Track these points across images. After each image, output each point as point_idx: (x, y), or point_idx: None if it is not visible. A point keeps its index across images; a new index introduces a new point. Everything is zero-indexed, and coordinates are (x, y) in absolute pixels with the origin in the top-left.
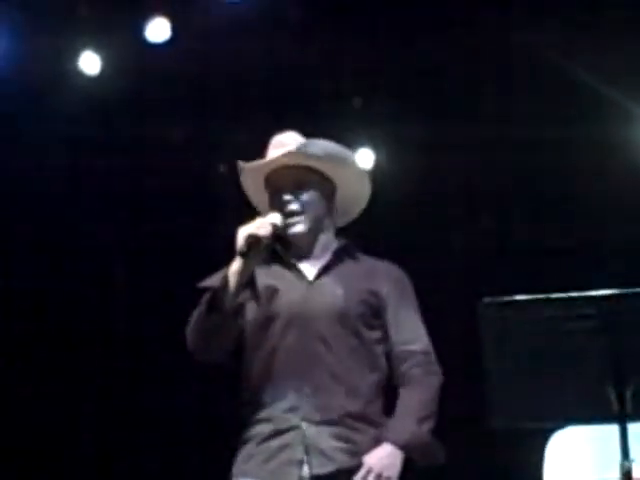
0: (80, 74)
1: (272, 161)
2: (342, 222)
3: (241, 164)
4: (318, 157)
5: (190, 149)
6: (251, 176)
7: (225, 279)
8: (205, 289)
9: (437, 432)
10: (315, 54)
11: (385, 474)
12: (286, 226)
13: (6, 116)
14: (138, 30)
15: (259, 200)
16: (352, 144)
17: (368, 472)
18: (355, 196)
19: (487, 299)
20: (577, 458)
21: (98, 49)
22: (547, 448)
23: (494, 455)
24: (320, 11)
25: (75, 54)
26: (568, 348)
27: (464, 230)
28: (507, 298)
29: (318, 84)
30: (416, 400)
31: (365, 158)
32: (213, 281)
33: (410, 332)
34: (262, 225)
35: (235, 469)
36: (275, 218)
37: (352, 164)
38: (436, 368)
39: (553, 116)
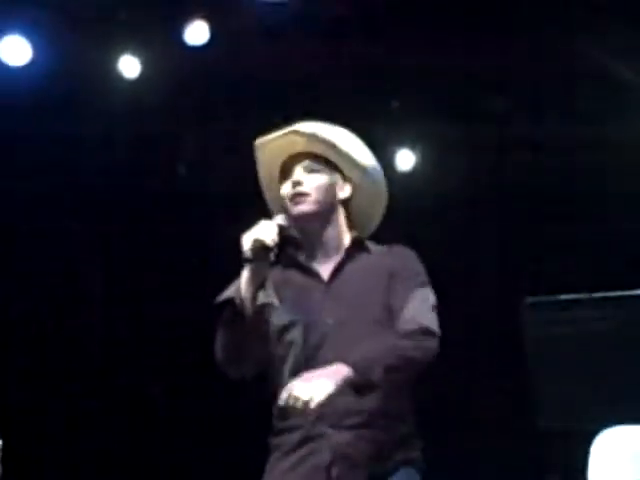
0: (120, 77)
1: (285, 136)
2: (366, 229)
3: (258, 142)
4: (330, 144)
5: (229, 151)
6: (266, 159)
7: (239, 289)
8: (222, 304)
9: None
10: (351, 55)
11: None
12: (293, 205)
13: (47, 119)
14: (177, 33)
15: (272, 197)
16: (391, 145)
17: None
18: (370, 201)
19: (531, 299)
20: (623, 458)
21: (137, 52)
22: (593, 448)
23: (540, 455)
24: (355, 11)
25: (114, 57)
26: (614, 347)
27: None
28: (552, 297)
29: (354, 85)
30: (380, 341)
31: (405, 159)
32: (228, 294)
33: (412, 311)
34: (266, 228)
35: (265, 478)
36: (280, 219)
37: (369, 164)
38: (423, 344)
39: (587, 115)
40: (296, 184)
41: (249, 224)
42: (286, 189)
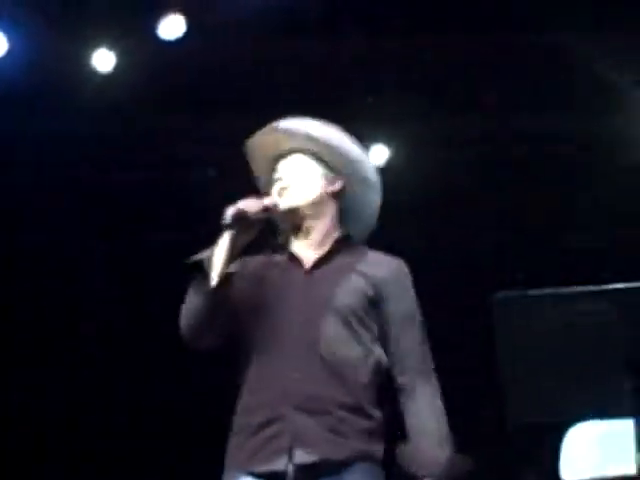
0: (94, 71)
1: (271, 132)
2: (359, 229)
3: (247, 143)
4: (318, 139)
5: (201, 145)
6: (257, 159)
7: (211, 253)
8: (192, 266)
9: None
10: (329, 51)
11: None
12: (282, 197)
13: (20, 114)
14: (152, 27)
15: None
16: (365, 140)
17: None
18: (363, 197)
19: (501, 293)
20: (593, 453)
21: (112, 46)
22: (564, 443)
23: (513, 450)
24: (334, 8)
25: (89, 51)
26: (583, 343)
27: (475, 226)
28: (521, 292)
29: (331, 81)
30: (429, 421)
31: (378, 154)
32: (199, 256)
33: (407, 333)
34: (253, 203)
35: (227, 460)
36: (270, 200)
37: (358, 156)
38: (433, 376)
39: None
40: (278, 179)
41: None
42: (273, 200)
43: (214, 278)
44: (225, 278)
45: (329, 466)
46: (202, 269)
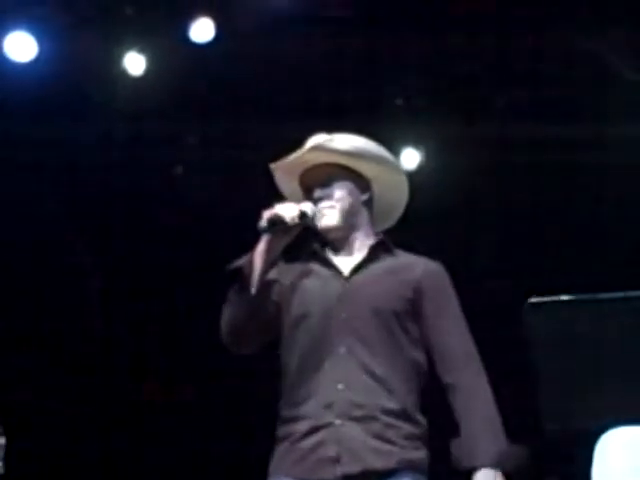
0: (125, 74)
1: (297, 159)
2: (383, 226)
3: (272, 165)
4: (342, 151)
5: (230, 148)
6: (284, 178)
7: (250, 259)
8: (232, 272)
9: None
10: (358, 54)
11: None
12: (317, 219)
13: (51, 116)
14: (182, 30)
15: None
16: (396, 144)
17: None
18: (392, 194)
19: (533, 299)
20: (626, 459)
21: (143, 50)
22: (596, 449)
23: (542, 456)
24: (362, 10)
25: (120, 54)
26: (616, 348)
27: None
28: (554, 298)
29: (361, 84)
30: (481, 412)
31: (410, 158)
32: (239, 263)
33: (449, 331)
34: (289, 208)
35: (271, 467)
36: (306, 207)
37: (383, 159)
38: (479, 367)
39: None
40: (318, 200)
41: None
42: (310, 206)
43: (254, 285)
44: (265, 285)
45: (375, 475)
46: (242, 275)
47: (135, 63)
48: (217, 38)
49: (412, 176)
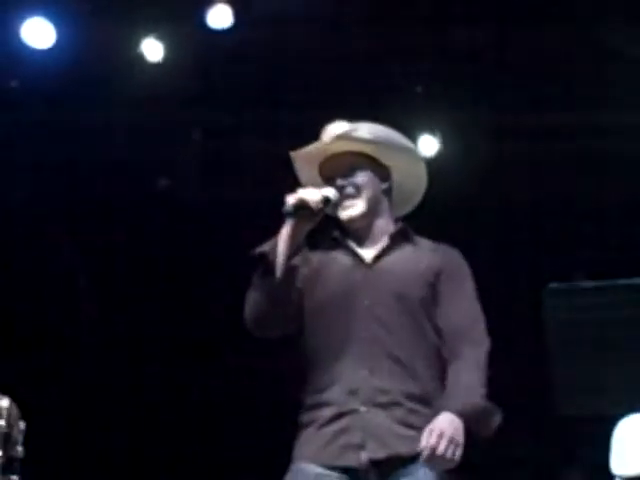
0: (143, 61)
1: (319, 148)
2: (401, 212)
3: (292, 154)
4: (366, 140)
5: (250, 135)
6: (304, 167)
7: (275, 244)
8: (257, 257)
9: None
10: (377, 40)
11: (456, 438)
12: (342, 209)
13: (69, 103)
14: (200, 17)
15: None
16: (415, 131)
17: (440, 435)
18: (411, 181)
19: (553, 285)
20: None
21: (160, 36)
22: (614, 434)
23: (560, 440)
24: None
25: (138, 41)
26: (634, 334)
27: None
28: (572, 284)
29: (380, 71)
30: (465, 371)
31: (428, 145)
32: (263, 248)
33: (461, 311)
34: (313, 193)
35: (295, 452)
36: (329, 192)
37: (404, 147)
38: (482, 338)
39: (618, 103)
40: (341, 188)
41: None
42: (332, 192)
43: (279, 270)
44: (289, 270)
45: (400, 461)
46: (266, 261)
47: (153, 49)
48: (234, 24)
49: (430, 163)
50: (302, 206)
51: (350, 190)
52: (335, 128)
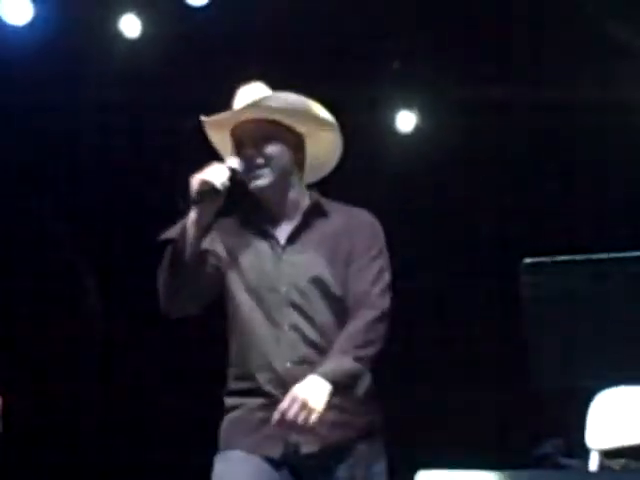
0: (120, 37)
1: (232, 114)
2: (314, 178)
3: (203, 118)
4: (279, 109)
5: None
6: (216, 131)
7: (183, 230)
8: (165, 242)
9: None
10: (353, 16)
11: (310, 403)
12: (250, 179)
13: (46, 80)
14: None
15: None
16: (392, 107)
17: (293, 401)
18: (325, 152)
19: (529, 259)
20: (621, 418)
21: (139, 12)
22: (591, 408)
23: (539, 414)
24: None
25: (116, 17)
26: (613, 308)
27: (500, 191)
28: (549, 258)
29: (357, 46)
30: (346, 334)
31: (406, 120)
32: (172, 233)
33: (366, 276)
34: (218, 170)
35: (221, 439)
36: (234, 162)
37: (318, 116)
38: (376, 300)
39: (589, 77)
40: (250, 157)
41: None
42: (236, 161)
43: (187, 254)
44: (199, 254)
45: (329, 450)
46: (175, 245)
47: (131, 25)
48: (213, 1)
49: (408, 138)
50: (207, 190)
51: (259, 160)
52: (250, 90)
